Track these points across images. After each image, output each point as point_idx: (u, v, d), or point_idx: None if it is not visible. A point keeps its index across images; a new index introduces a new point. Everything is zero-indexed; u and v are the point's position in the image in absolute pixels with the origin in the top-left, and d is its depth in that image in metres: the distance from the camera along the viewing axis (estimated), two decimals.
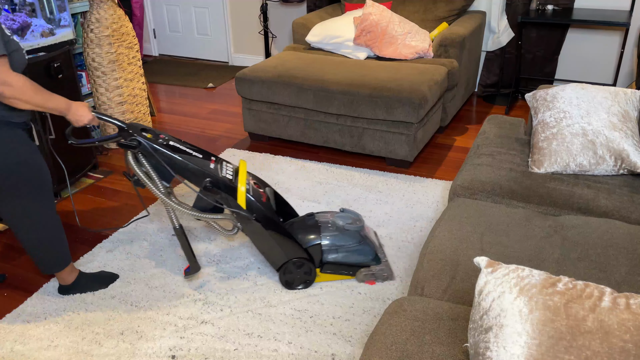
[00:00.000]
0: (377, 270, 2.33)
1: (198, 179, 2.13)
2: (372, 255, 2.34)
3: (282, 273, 2.28)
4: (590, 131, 2.12)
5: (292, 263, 2.25)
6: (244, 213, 2.16)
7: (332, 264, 2.31)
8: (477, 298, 1.17)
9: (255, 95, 3.48)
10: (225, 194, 2.14)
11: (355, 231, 2.32)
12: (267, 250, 2.24)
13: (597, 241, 1.72)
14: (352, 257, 2.31)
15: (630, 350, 0.99)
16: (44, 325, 2.17)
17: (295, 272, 2.28)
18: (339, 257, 2.30)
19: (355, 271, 2.34)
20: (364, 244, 2.32)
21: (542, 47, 4.15)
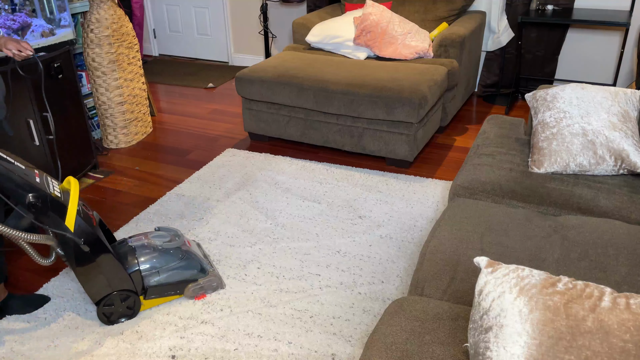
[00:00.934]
0: (205, 282, 2.26)
1: (20, 193, 1.80)
2: (198, 269, 2.25)
3: (103, 306, 2.09)
4: (590, 131, 2.12)
5: (116, 295, 2.08)
6: (71, 236, 1.90)
7: (156, 287, 2.17)
8: (477, 298, 1.17)
9: (255, 95, 3.48)
10: (52, 213, 1.86)
11: (176, 248, 2.20)
12: (89, 281, 2.02)
13: (597, 241, 1.72)
14: (177, 276, 2.20)
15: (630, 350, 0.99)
16: (44, 326, 2.17)
17: (117, 304, 2.11)
18: (162, 278, 2.17)
19: (183, 288, 2.23)
20: (186, 259, 2.22)
21: (542, 47, 4.15)
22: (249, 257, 2.53)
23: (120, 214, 2.95)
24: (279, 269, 2.44)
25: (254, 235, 2.69)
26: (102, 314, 2.12)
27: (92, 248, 1.97)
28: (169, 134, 3.96)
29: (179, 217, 2.87)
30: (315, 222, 2.78)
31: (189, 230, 2.75)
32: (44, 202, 1.84)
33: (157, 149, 3.73)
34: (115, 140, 3.73)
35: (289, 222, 2.79)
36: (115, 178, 3.34)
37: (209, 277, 2.28)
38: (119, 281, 2.08)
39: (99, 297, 2.07)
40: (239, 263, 2.49)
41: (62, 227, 1.88)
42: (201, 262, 2.29)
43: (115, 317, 2.14)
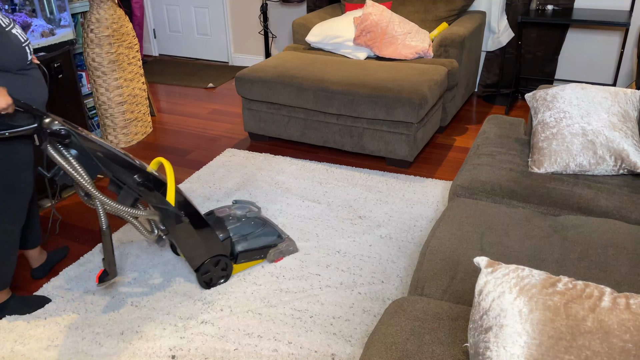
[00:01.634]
0: (284, 247, 2.49)
1: (127, 174, 2.01)
2: (276, 235, 2.48)
3: (201, 273, 2.28)
4: (590, 131, 2.12)
5: (212, 260, 2.27)
6: (173, 210, 2.10)
7: (244, 252, 2.39)
8: (477, 298, 1.17)
9: (255, 95, 3.48)
10: (156, 190, 2.07)
11: (256, 217, 2.45)
12: (190, 249, 2.21)
13: (597, 241, 1.72)
14: (260, 241, 2.43)
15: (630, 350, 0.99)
16: (44, 325, 2.17)
17: (214, 269, 2.30)
18: (249, 244, 2.40)
19: (266, 253, 2.46)
20: (266, 226, 2.46)
21: (542, 47, 4.15)
22: None
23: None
24: (279, 269, 2.44)
25: None
26: (201, 280, 2.30)
27: (191, 220, 2.17)
28: (169, 134, 3.97)
29: None
30: (315, 222, 2.78)
31: None
32: (149, 181, 2.04)
33: (157, 149, 3.73)
34: (115, 140, 3.73)
35: (289, 222, 2.79)
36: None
37: (286, 242, 2.51)
38: (214, 248, 2.28)
39: (198, 264, 2.26)
40: None
41: (165, 203, 2.09)
42: (277, 229, 2.52)
43: (214, 280, 2.33)
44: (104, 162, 1.96)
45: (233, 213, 2.42)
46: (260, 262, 2.47)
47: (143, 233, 2.11)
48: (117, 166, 1.98)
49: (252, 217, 2.44)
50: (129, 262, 2.52)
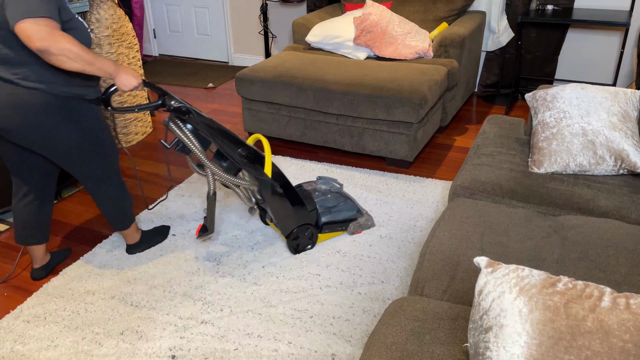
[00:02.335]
0: (363, 221, 2.66)
1: (232, 147, 2.26)
2: (356, 209, 2.66)
3: (292, 239, 2.49)
4: (590, 131, 2.12)
5: (301, 228, 2.48)
6: (270, 180, 2.35)
7: (328, 223, 2.58)
8: (477, 298, 1.17)
9: (255, 95, 3.48)
10: (257, 163, 2.32)
11: (338, 192, 2.63)
12: (283, 217, 2.43)
13: (597, 241, 1.72)
14: (343, 214, 2.61)
15: (630, 350, 0.99)
16: (44, 325, 2.17)
17: (302, 236, 2.51)
18: (333, 216, 2.59)
19: (346, 226, 2.63)
20: (347, 201, 2.63)
21: (542, 47, 4.15)
22: (249, 257, 2.53)
23: None
24: (279, 269, 2.44)
25: (254, 235, 2.69)
26: (291, 246, 2.51)
27: (284, 190, 2.39)
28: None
29: (179, 217, 2.87)
30: None
31: (189, 230, 2.75)
32: (250, 154, 2.29)
33: (157, 149, 3.73)
34: (115, 140, 3.73)
35: None
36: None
37: (365, 216, 2.68)
38: (303, 217, 2.49)
39: (288, 231, 2.47)
40: (239, 263, 2.49)
41: (263, 174, 2.33)
42: (357, 204, 2.68)
43: (301, 247, 2.54)
44: (214, 136, 2.22)
45: (318, 187, 2.63)
46: (341, 233, 2.65)
47: (243, 200, 2.42)
48: (225, 140, 2.24)
49: (335, 192, 2.63)
50: (128, 263, 2.52)
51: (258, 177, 2.33)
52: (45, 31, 1.73)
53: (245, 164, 2.30)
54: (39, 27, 1.73)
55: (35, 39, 1.72)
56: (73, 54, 1.79)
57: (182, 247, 2.62)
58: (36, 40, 1.72)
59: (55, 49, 1.75)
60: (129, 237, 2.52)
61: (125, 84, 2.00)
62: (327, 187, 2.63)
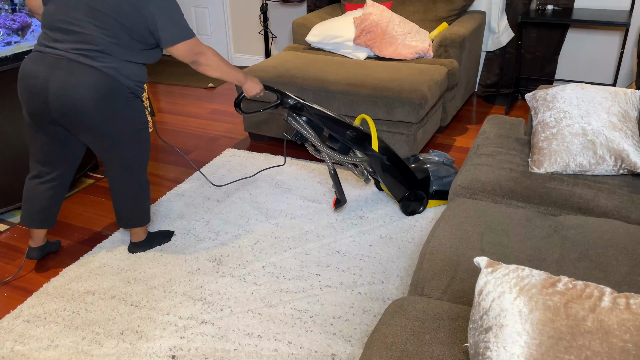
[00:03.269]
0: None
1: (342, 131, 2.56)
2: None
3: (403, 203, 2.75)
4: (590, 131, 2.12)
5: (411, 194, 2.73)
6: (378, 155, 2.63)
7: (439, 192, 2.83)
8: (477, 298, 1.17)
9: None
10: (365, 142, 2.61)
11: (450, 164, 2.88)
12: (393, 185, 2.70)
13: (597, 241, 1.72)
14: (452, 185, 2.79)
15: (630, 350, 0.99)
16: (44, 325, 2.17)
17: (413, 201, 2.76)
18: (443, 184, 2.83)
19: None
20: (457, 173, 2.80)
21: (542, 47, 4.15)
22: (249, 257, 2.53)
23: None
24: (279, 269, 2.44)
25: (254, 235, 2.69)
26: (404, 209, 2.78)
27: (392, 162, 2.66)
28: (169, 134, 3.97)
29: (179, 217, 2.87)
30: (315, 222, 2.78)
31: (189, 230, 2.75)
32: (358, 134, 2.59)
33: (157, 149, 3.73)
34: None
35: (289, 222, 2.79)
36: None
37: None
38: (413, 184, 2.73)
39: (400, 196, 2.73)
40: (239, 263, 2.49)
41: (371, 150, 2.63)
42: None
43: (412, 210, 2.79)
44: (326, 123, 2.53)
45: (432, 159, 2.87)
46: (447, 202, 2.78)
47: (356, 174, 2.73)
48: (335, 125, 2.55)
49: (447, 164, 2.86)
50: (128, 263, 2.52)
51: (367, 153, 2.63)
52: (196, 48, 2.21)
53: (354, 143, 2.60)
54: (191, 47, 2.20)
55: (191, 55, 2.21)
56: (214, 64, 2.26)
57: (182, 247, 2.62)
58: (192, 56, 2.21)
59: (203, 61, 2.24)
60: (136, 234, 2.56)
61: (250, 90, 2.47)
62: (440, 159, 2.86)
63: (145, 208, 2.49)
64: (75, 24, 2.07)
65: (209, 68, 2.26)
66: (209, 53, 2.24)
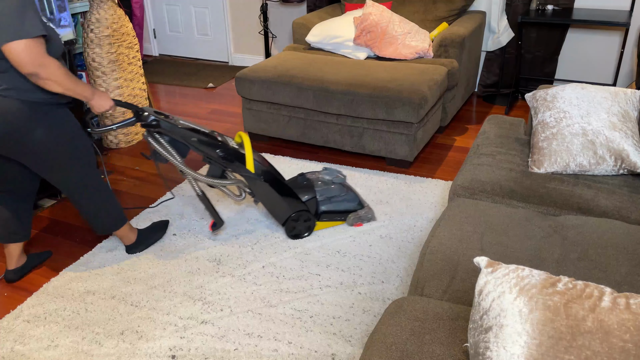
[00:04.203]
0: (363, 214, 2.71)
1: (210, 150, 2.39)
2: (357, 201, 2.72)
3: (288, 226, 2.59)
4: (590, 131, 2.12)
5: (295, 215, 2.57)
6: (253, 176, 2.46)
7: (327, 212, 2.67)
8: (477, 298, 1.17)
9: (255, 95, 3.48)
10: (237, 161, 2.44)
11: (340, 183, 2.71)
12: (274, 207, 2.55)
13: (597, 241, 1.72)
14: (343, 205, 2.68)
15: (630, 350, 0.99)
16: (44, 325, 2.17)
17: (298, 223, 2.59)
18: (332, 206, 2.67)
19: (346, 216, 2.70)
20: (349, 193, 2.70)
21: (542, 47, 4.15)
22: (249, 257, 2.53)
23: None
24: (279, 269, 2.44)
25: (254, 235, 2.69)
26: (288, 232, 2.61)
27: (270, 182, 2.48)
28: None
29: (179, 217, 2.87)
30: None
31: (189, 230, 2.75)
32: (229, 154, 2.41)
33: None
34: (115, 140, 3.73)
35: None
36: (115, 178, 3.34)
37: (365, 209, 2.73)
38: (295, 205, 2.57)
39: (282, 220, 2.57)
40: (239, 263, 2.49)
41: (245, 171, 2.44)
42: (359, 197, 2.76)
43: (297, 233, 2.62)
44: (192, 143, 2.36)
45: (321, 177, 2.73)
46: (341, 223, 2.72)
47: (232, 197, 2.53)
48: (202, 145, 2.37)
49: (337, 183, 2.71)
50: (128, 263, 2.52)
51: (242, 174, 2.45)
52: (37, 56, 1.83)
53: (226, 164, 2.42)
54: (31, 52, 1.81)
55: (27, 63, 1.81)
56: (59, 79, 1.92)
57: (182, 247, 2.62)
58: (29, 65, 1.82)
59: (44, 74, 1.87)
60: (124, 238, 2.52)
61: (98, 107, 2.16)
62: (330, 178, 2.71)
63: (113, 213, 2.39)
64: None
65: (51, 83, 1.90)
66: (52, 65, 1.88)
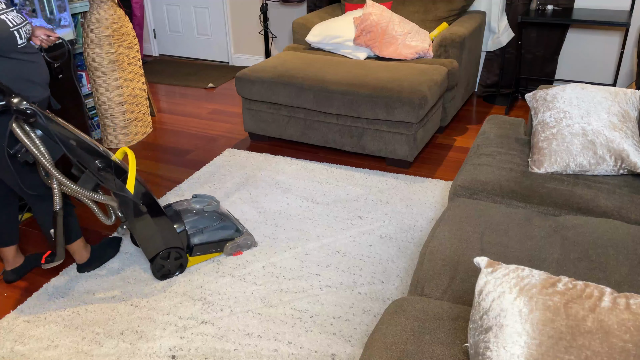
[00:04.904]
0: (241, 241, 2.53)
1: (89, 159, 2.08)
2: (234, 229, 2.52)
3: (157, 263, 2.33)
4: (590, 131, 2.12)
5: (166, 252, 2.32)
6: (132, 197, 2.18)
7: (200, 245, 2.43)
8: (477, 298, 1.17)
9: (255, 95, 3.48)
10: (116, 177, 2.15)
11: (214, 211, 2.49)
12: (146, 239, 2.28)
13: (597, 241, 1.72)
14: (217, 235, 2.47)
15: (630, 350, 0.99)
16: (44, 325, 2.17)
17: (169, 261, 2.36)
18: (205, 237, 2.44)
19: (223, 246, 2.50)
20: (224, 220, 2.50)
21: (542, 47, 4.15)
22: (249, 257, 2.53)
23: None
24: (279, 269, 2.44)
25: (254, 236, 2.69)
26: (156, 272, 2.35)
27: (149, 209, 2.23)
28: (169, 134, 3.97)
29: None
30: (315, 222, 2.78)
31: None
32: (110, 167, 2.12)
33: (157, 149, 3.73)
34: (115, 141, 3.73)
35: (289, 222, 2.79)
36: None
37: (244, 236, 2.55)
38: (171, 239, 2.33)
39: (153, 254, 2.30)
40: (239, 263, 2.49)
41: (124, 190, 2.15)
42: (236, 223, 2.56)
43: (168, 272, 2.38)
44: (67, 145, 2.02)
45: (191, 207, 2.46)
46: (217, 255, 2.51)
47: (100, 217, 2.22)
48: (81, 150, 2.06)
49: (209, 211, 2.47)
50: (128, 263, 2.52)
51: (118, 193, 2.16)
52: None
53: (103, 177, 2.12)
54: None
55: None
56: None
57: None
58: None
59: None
60: (76, 254, 2.40)
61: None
62: (200, 207, 2.46)
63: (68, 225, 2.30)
64: None
65: None
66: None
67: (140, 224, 2.24)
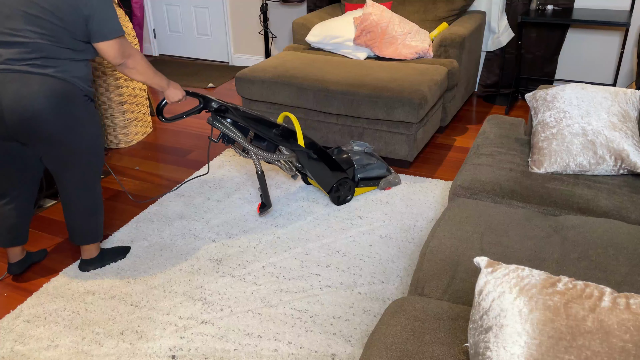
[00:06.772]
0: (392, 179, 3.05)
1: (268, 130, 2.66)
2: (386, 168, 3.05)
3: (333, 192, 2.88)
4: (590, 131, 2.12)
5: (339, 183, 2.86)
6: (304, 150, 2.75)
7: (363, 179, 2.98)
8: (477, 298, 1.17)
9: (255, 95, 3.48)
10: (291, 138, 2.73)
11: (371, 153, 3.05)
12: (322, 176, 2.83)
13: (597, 241, 1.72)
14: (375, 172, 3.01)
15: (630, 350, 0.99)
16: (44, 325, 2.17)
17: (342, 189, 2.89)
18: (367, 172, 2.99)
19: (378, 181, 3.02)
20: (379, 160, 3.03)
21: (542, 47, 4.15)
22: (249, 257, 2.53)
23: (120, 213, 2.95)
24: (279, 269, 2.45)
25: (254, 235, 2.69)
26: (334, 198, 2.90)
27: (318, 154, 2.79)
28: (169, 134, 3.97)
29: (179, 217, 2.87)
30: (315, 222, 2.78)
31: (189, 230, 2.75)
32: (284, 132, 2.70)
33: (157, 149, 3.73)
34: (115, 140, 3.73)
35: (289, 222, 2.79)
36: (114, 179, 3.34)
37: (393, 174, 3.08)
38: (339, 174, 2.87)
39: (329, 187, 2.85)
40: (239, 263, 2.49)
41: (297, 146, 2.75)
42: (385, 164, 3.07)
43: (342, 198, 2.92)
44: (250, 124, 2.61)
45: (353, 149, 3.04)
46: (374, 188, 3.04)
47: (285, 170, 2.88)
48: (261, 125, 2.64)
49: (367, 153, 3.04)
50: (128, 263, 2.52)
51: (294, 149, 2.74)
52: (126, 49, 2.12)
53: (280, 140, 2.70)
54: (122, 45, 2.10)
55: (119, 55, 2.10)
56: (142, 68, 2.19)
57: (182, 247, 2.62)
58: (119, 57, 2.11)
59: (131, 63, 2.15)
60: (88, 251, 2.45)
61: (172, 96, 2.41)
62: (361, 149, 3.03)
63: (100, 222, 2.40)
64: (14, 35, 1.97)
65: (135, 72, 2.18)
66: (137, 56, 2.16)
67: (314, 167, 2.80)
